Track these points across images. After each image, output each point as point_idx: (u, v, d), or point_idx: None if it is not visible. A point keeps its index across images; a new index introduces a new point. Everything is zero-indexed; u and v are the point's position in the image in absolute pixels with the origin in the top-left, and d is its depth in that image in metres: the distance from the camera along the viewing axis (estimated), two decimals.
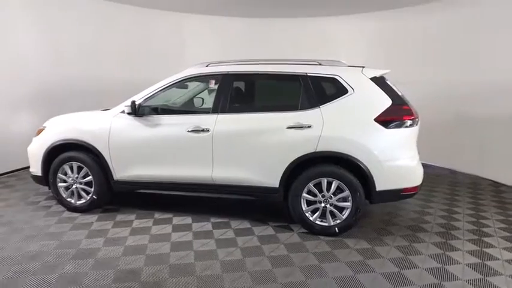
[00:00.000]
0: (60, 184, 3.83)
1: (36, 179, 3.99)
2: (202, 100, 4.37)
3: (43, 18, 5.65)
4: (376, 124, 3.21)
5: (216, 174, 3.50)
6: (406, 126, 3.27)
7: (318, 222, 3.40)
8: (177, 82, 3.68)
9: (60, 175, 3.81)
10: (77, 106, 4.88)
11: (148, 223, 3.63)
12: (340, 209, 3.35)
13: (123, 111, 3.62)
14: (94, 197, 3.78)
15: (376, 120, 3.22)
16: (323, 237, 3.38)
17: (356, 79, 3.36)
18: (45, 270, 2.70)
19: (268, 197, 3.51)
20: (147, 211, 3.93)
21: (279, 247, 3.18)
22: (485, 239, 3.44)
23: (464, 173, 5.96)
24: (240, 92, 3.80)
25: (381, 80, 3.41)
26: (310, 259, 2.97)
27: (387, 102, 3.27)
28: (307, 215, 3.40)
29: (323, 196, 3.35)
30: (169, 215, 3.83)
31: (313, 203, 3.39)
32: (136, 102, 3.58)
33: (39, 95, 5.60)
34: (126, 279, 2.61)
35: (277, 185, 3.41)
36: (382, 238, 3.41)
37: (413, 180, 3.32)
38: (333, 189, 3.30)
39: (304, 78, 3.43)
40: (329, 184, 3.32)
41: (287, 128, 3.33)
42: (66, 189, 3.85)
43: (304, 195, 3.38)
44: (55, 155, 3.81)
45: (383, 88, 3.33)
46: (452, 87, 5.95)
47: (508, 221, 3.91)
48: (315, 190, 3.35)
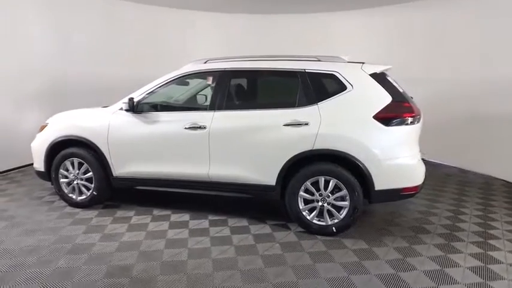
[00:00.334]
0: (62, 180, 3.90)
1: (39, 175, 4.07)
2: (206, 97, 4.34)
3: (52, 16, 5.75)
4: (375, 121, 3.12)
5: (212, 171, 3.48)
6: (407, 124, 3.16)
7: (315, 221, 3.33)
8: (176, 79, 3.68)
9: (62, 171, 3.88)
10: (85, 103, 4.93)
11: (146, 220, 3.65)
12: (337, 208, 3.28)
13: (122, 108, 3.64)
14: (94, 193, 3.82)
15: (375, 117, 3.12)
16: (320, 237, 3.31)
17: (355, 75, 3.27)
18: (40, 265, 2.74)
19: (265, 195, 3.47)
20: (147, 208, 3.95)
21: (274, 246, 3.13)
22: (491, 242, 3.30)
23: (476, 173, 5.75)
24: (238, 88, 3.76)
25: (381, 76, 3.31)
26: (304, 259, 2.92)
27: (387, 99, 3.17)
28: (304, 213, 3.34)
29: (320, 195, 3.28)
30: (167, 212, 3.84)
31: (311, 201, 3.32)
32: (134, 99, 3.60)
33: (47, 92, 5.71)
34: (117, 275, 2.62)
35: (273, 183, 3.36)
36: (381, 239, 3.32)
37: (413, 180, 3.21)
38: (330, 187, 3.23)
39: (303, 74, 3.36)
40: (326, 183, 3.24)
41: (284, 125, 3.27)
42: (68, 184, 3.91)
43: (302, 193, 3.32)
44: (57, 151, 3.87)
45: (383, 84, 3.23)
46: (463, 84, 5.74)
47: None
48: (312, 189, 3.28)
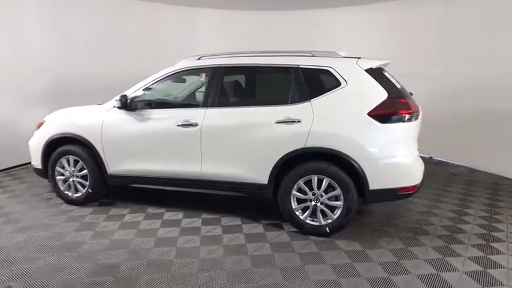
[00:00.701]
0: (58, 177, 3.92)
1: (37, 172, 4.10)
2: (199, 94, 4.30)
3: (54, 15, 5.79)
4: (370, 119, 3.00)
5: (205, 169, 3.44)
6: (404, 121, 3.03)
7: (308, 221, 3.24)
8: (169, 76, 3.64)
9: (58, 168, 3.90)
10: (89, 101, 4.95)
11: (139, 218, 3.63)
12: (331, 208, 3.18)
13: (115, 105, 3.63)
14: (89, 190, 3.83)
15: (369, 114, 3.01)
16: (313, 238, 3.22)
17: (350, 71, 3.16)
18: (27, 261, 2.75)
19: (257, 194, 3.40)
20: (141, 205, 3.93)
21: (264, 246, 3.06)
22: (494, 245, 3.15)
23: (485, 172, 5.53)
24: (230, 85, 3.69)
25: (377, 71, 3.19)
26: (293, 260, 2.84)
27: (383, 95, 3.04)
28: (297, 213, 3.26)
29: (313, 194, 3.19)
30: (161, 210, 3.82)
31: (304, 201, 3.24)
32: (128, 97, 3.58)
33: (52, 91, 5.77)
34: (102, 274, 2.60)
35: (266, 182, 3.29)
36: (377, 240, 3.21)
37: (410, 179, 3.08)
38: (323, 187, 3.14)
39: (296, 70, 3.27)
40: (320, 182, 3.15)
41: (276, 122, 3.19)
42: (64, 182, 3.93)
43: (294, 192, 3.23)
44: (53, 148, 3.89)
45: (379, 80, 3.11)
46: (472, 78, 5.52)
47: None
48: (305, 188, 3.19)
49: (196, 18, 7.40)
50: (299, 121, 3.13)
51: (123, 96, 3.55)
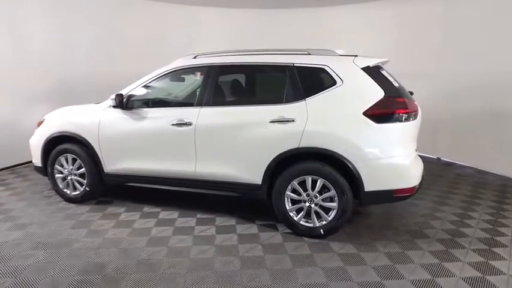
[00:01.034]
0: (57, 175, 3.96)
1: (37, 170, 4.16)
2: (194, 93, 4.27)
3: (59, 16, 5.87)
4: (365, 118, 2.92)
5: (199, 169, 3.41)
6: (400, 121, 2.94)
7: (302, 222, 3.18)
8: (164, 75, 3.62)
9: (57, 166, 3.94)
10: (93, 101, 5.01)
11: (134, 216, 3.64)
12: (326, 210, 3.11)
13: (111, 104, 3.64)
14: (87, 188, 3.86)
15: (365, 114, 2.92)
16: (307, 239, 3.16)
17: (346, 69, 3.08)
18: (19, 259, 2.77)
19: (251, 194, 3.35)
20: (138, 204, 3.94)
21: (256, 247, 3.02)
22: (496, 250, 3.03)
23: (494, 174, 5.34)
24: (225, 84, 3.65)
25: (374, 69, 3.10)
26: (284, 262, 2.78)
27: (379, 94, 2.96)
28: (291, 214, 3.20)
29: (308, 195, 3.13)
30: (157, 209, 3.81)
31: (298, 202, 3.18)
32: (124, 96, 3.59)
33: (57, 91, 5.84)
34: (91, 272, 2.60)
35: (260, 182, 3.24)
36: (373, 243, 3.12)
37: (407, 181, 2.98)
38: (317, 188, 3.07)
39: (291, 68, 3.21)
40: (314, 182, 3.09)
41: (270, 122, 3.14)
42: (63, 180, 3.97)
43: (288, 193, 3.18)
44: (53, 146, 3.93)
45: (376, 79, 3.02)
46: (481, 78, 5.34)
47: None
48: (299, 188, 3.13)
49: (199, 16, 7.38)
50: (293, 120, 3.07)
51: (119, 95, 3.56)
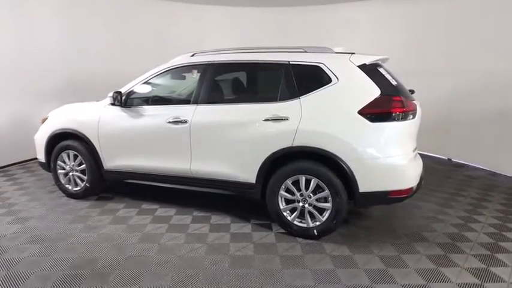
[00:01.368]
0: (59, 171, 4.05)
1: (41, 165, 4.26)
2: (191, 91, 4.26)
3: (69, 14, 6.00)
4: (360, 117, 2.84)
5: (194, 167, 3.41)
6: (397, 120, 2.85)
7: (296, 222, 3.13)
8: (162, 73, 3.63)
9: (59, 162, 4.02)
10: (102, 99, 5.12)
11: (132, 213, 3.67)
12: (320, 210, 3.05)
13: (110, 102, 3.68)
14: (87, 184, 3.92)
15: (360, 112, 2.84)
16: (301, 240, 3.11)
17: (342, 67, 3.00)
18: (14, 252, 2.84)
19: (245, 193, 3.33)
20: (137, 201, 3.98)
21: (248, 246, 2.99)
22: (499, 256, 2.89)
23: (507, 176, 5.12)
24: (221, 82, 3.62)
25: (371, 67, 3.01)
26: (274, 262, 2.74)
27: (375, 93, 2.87)
28: (285, 214, 3.15)
29: (301, 195, 3.07)
30: (155, 206, 3.84)
31: (292, 201, 3.13)
32: (122, 93, 3.62)
33: (66, 88, 5.98)
34: (81, 267, 2.64)
35: (253, 181, 3.21)
36: (368, 245, 3.04)
37: (403, 182, 2.88)
38: (311, 187, 3.01)
39: (287, 66, 3.15)
40: (308, 182, 3.03)
41: (264, 120, 3.10)
42: (65, 176, 4.05)
43: (282, 192, 3.13)
44: (56, 143, 4.02)
45: (373, 77, 2.93)
46: (497, 77, 5.11)
47: None
48: (293, 188, 3.08)
49: (206, 15, 7.38)
50: (287, 119, 3.02)
51: (117, 93, 3.59)
